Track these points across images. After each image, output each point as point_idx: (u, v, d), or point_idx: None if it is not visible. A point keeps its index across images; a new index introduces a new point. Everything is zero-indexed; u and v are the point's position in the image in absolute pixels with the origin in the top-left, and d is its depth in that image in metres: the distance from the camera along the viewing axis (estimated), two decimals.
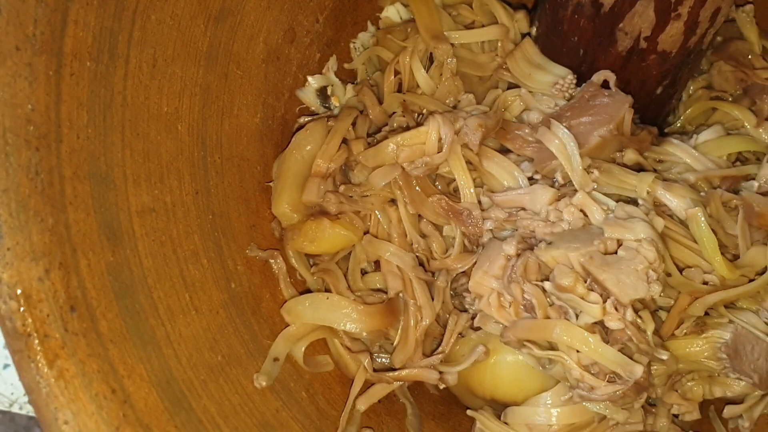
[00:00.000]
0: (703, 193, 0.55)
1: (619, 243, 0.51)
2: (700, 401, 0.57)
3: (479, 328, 0.57)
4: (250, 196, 0.59)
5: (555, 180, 0.56)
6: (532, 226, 0.54)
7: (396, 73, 0.64)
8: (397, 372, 0.57)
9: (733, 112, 0.63)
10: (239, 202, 0.58)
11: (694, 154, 0.57)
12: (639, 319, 0.50)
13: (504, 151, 0.59)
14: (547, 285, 0.51)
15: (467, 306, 0.58)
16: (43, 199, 0.39)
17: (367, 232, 0.60)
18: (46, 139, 0.40)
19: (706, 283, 0.53)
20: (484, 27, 0.65)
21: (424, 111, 0.61)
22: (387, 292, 0.58)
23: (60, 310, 0.38)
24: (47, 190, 0.39)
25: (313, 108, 0.67)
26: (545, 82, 0.60)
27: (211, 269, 0.52)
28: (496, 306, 0.53)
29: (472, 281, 0.55)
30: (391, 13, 0.70)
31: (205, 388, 0.47)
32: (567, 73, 0.60)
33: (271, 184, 0.61)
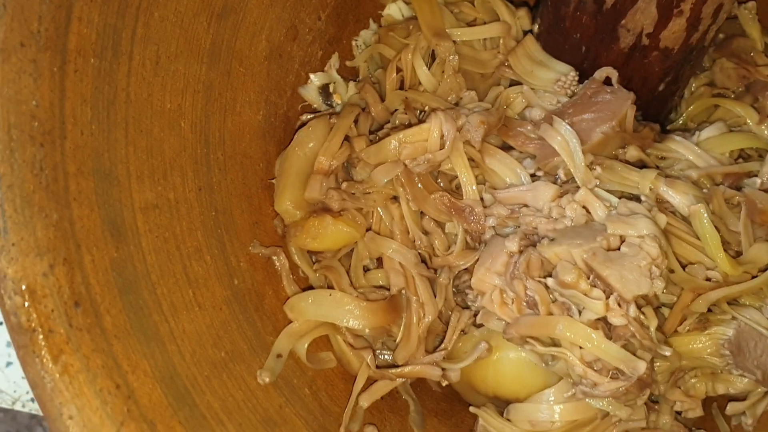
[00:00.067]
0: (705, 190, 0.55)
1: (622, 239, 0.51)
2: (703, 398, 0.57)
3: (482, 325, 0.57)
4: (253, 193, 0.59)
5: (557, 177, 0.56)
6: (534, 223, 0.54)
7: (398, 70, 0.64)
8: (400, 369, 0.57)
9: (735, 109, 0.62)
10: (242, 199, 0.58)
11: (697, 151, 0.57)
12: (642, 316, 0.50)
13: (506, 148, 0.59)
14: (549, 281, 0.51)
15: (470, 303, 0.58)
16: (48, 194, 0.39)
17: (369, 229, 0.60)
18: (50, 135, 0.40)
19: (709, 279, 0.53)
20: (486, 24, 0.65)
21: (426, 108, 0.61)
22: (389, 289, 0.58)
23: (64, 306, 0.39)
24: (51, 186, 0.39)
25: (315, 105, 0.66)
26: (547, 79, 0.60)
27: (214, 266, 0.53)
28: (499, 303, 0.53)
29: (474, 278, 0.55)
30: (393, 10, 0.70)
31: (209, 384, 0.47)
32: (569, 70, 0.60)
33: (274, 181, 0.61)
